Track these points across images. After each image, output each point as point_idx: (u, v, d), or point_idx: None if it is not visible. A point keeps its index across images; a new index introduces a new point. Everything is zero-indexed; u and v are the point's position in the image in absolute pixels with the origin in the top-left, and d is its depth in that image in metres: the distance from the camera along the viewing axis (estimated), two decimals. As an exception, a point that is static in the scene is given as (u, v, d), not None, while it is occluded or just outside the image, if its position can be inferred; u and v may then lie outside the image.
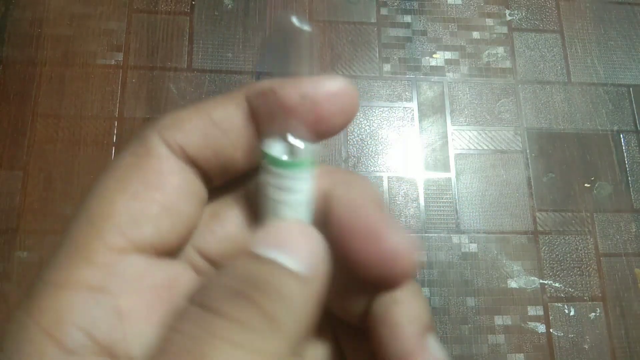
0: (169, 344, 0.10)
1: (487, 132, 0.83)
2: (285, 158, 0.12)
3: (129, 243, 0.11)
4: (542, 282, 0.76)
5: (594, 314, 0.76)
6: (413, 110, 0.83)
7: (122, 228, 0.11)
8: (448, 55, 0.86)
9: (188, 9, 0.83)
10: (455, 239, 0.77)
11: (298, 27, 0.12)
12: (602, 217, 0.80)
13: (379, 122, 0.81)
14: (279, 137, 0.12)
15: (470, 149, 0.82)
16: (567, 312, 0.75)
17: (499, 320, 0.74)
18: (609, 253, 0.79)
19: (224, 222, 0.14)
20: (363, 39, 0.85)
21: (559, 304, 0.76)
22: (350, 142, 0.80)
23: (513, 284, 0.76)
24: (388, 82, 0.83)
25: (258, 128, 0.13)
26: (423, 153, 0.81)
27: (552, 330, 0.74)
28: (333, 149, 0.79)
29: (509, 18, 0.89)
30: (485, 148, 0.82)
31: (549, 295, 0.76)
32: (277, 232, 0.12)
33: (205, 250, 0.14)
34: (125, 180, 0.12)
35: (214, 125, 0.13)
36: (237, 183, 0.14)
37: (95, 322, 0.10)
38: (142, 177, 0.12)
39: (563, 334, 0.74)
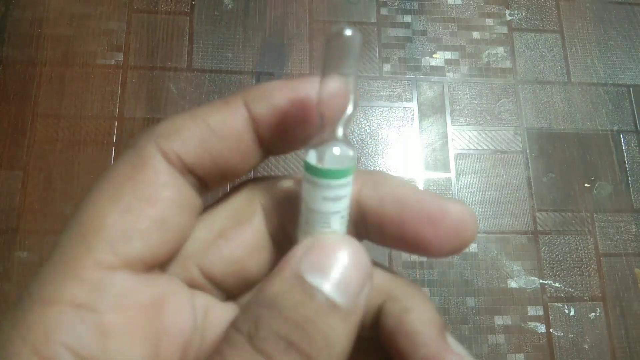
0: None
1: (487, 132, 0.83)
2: (331, 167, 0.12)
3: (118, 259, 0.11)
4: (542, 282, 0.76)
5: (594, 314, 0.76)
6: (413, 110, 0.83)
7: (112, 243, 0.11)
8: (448, 55, 0.86)
9: (188, 9, 0.83)
10: (455, 239, 0.77)
11: (349, 34, 0.12)
12: (602, 217, 0.80)
13: (379, 122, 0.81)
14: (320, 142, 0.13)
15: (470, 149, 0.82)
16: (567, 312, 0.75)
17: (499, 320, 0.74)
18: (609, 253, 0.79)
19: (232, 243, 0.14)
20: (363, 39, 0.85)
21: (559, 304, 0.76)
22: (351, 142, 0.80)
23: (513, 284, 0.76)
24: (388, 82, 0.83)
25: (257, 132, 0.13)
26: (423, 153, 0.81)
27: (552, 330, 0.74)
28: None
29: (509, 18, 0.89)
30: (485, 148, 0.82)
31: (549, 295, 0.76)
32: (324, 251, 0.12)
33: (208, 270, 0.14)
34: (118, 193, 0.12)
35: (212, 132, 0.13)
36: (244, 196, 0.14)
37: (79, 339, 0.11)
38: (135, 190, 0.12)
39: (563, 334, 0.74)
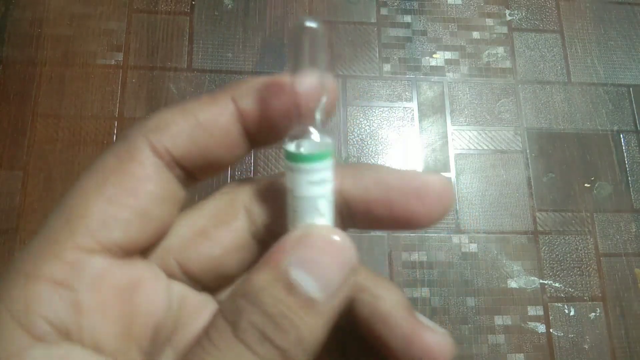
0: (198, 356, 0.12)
1: (487, 132, 0.83)
2: (309, 151, 0.13)
3: (97, 244, 0.12)
4: (542, 282, 0.76)
5: (594, 314, 0.76)
6: (413, 110, 0.83)
7: (92, 230, 0.12)
8: (448, 55, 0.86)
9: (188, 9, 0.83)
10: (455, 239, 0.77)
11: (311, 26, 0.13)
12: (602, 217, 0.80)
13: (379, 122, 0.81)
14: (299, 133, 0.13)
15: (470, 149, 0.82)
16: (567, 312, 0.75)
17: (499, 320, 0.74)
18: (609, 253, 0.79)
19: (211, 241, 0.14)
20: (363, 39, 0.85)
21: (559, 304, 0.76)
22: (350, 142, 0.80)
23: (513, 284, 0.76)
24: (388, 82, 0.83)
25: (244, 126, 0.14)
26: (423, 153, 0.81)
27: (552, 330, 0.74)
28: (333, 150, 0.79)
29: (509, 18, 0.89)
30: (485, 148, 0.82)
31: (549, 295, 0.76)
32: (311, 245, 0.12)
33: (186, 265, 0.14)
34: (104, 183, 0.13)
35: (200, 126, 0.14)
36: (228, 196, 0.15)
37: (56, 312, 0.11)
38: (119, 181, 0.13)
39: (563, 334, 0.74)
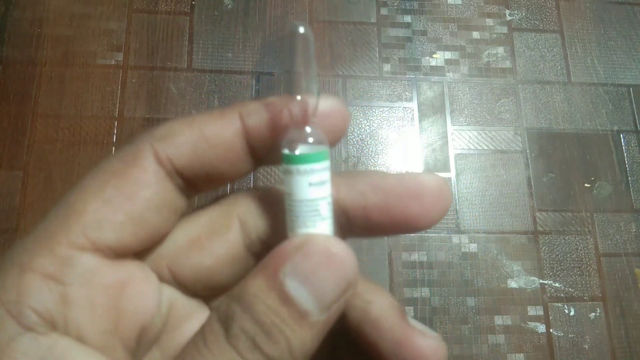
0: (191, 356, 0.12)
1: (487, 132, 0.83)
2: (309, 151, 0.13)
3: (89, 243, 0.13)
4: (542, 282, 0.76)
5: (594, 314, 0.76)
6: (413, 110, 0.83)
7: (86, 228, 0.13)
8: (448, 55, 0.86)
9: (188, 9, 0.83)
10: (455, 239, 0.77)
11: (299, 31, 0.13)
12: (602, 217, 0.80)
13: (379, 122, 0.81)
14: (294, 140, 0.13)
15: (470, 149, 0.82)
16: (567, 312, 0.75)
17: (499, 320, 0.74)
18: (609, 253, 0.79)
19: (202, 252, 0.14)
20: (363, 39, 0.85)
21: (559, 304, 0.76)
22: (350, 142, 0.80)
23: (513, 284, 0.76)
24: (388, 82, 0.83)
25: (249, 143, 0.14)
26: (423, 153, 0.81)
27: (552, 330, 0.74)
28: (333, 150, 0.79)
29: (509, 18, 0.89)
30: (485, 148, 0.82)
31: (549, 295, 0.76)
32: (310, 255, 0.12)
33: (177, 274, 0.14)
34: (105, 184, 0.13)
35: (204, 139, 0.14)
36: (224, 207, 0.15)
37: (44, 304, 0.12)
38: (119, 184, 0.13)
39: (563, 334, 0.74)
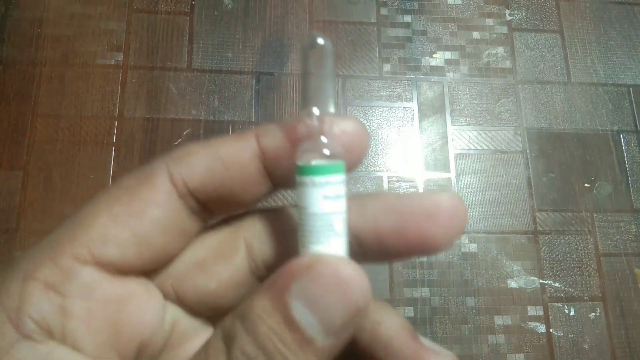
0: None
1: (487, 132, 0.83)
2: (326, 162, 0.13)
3: (91, 257, 0.13)
4: (542, 282, 0.76)
5: (594, 314, 0.76)
6: (413, 110, 0.83)
7: (90, 243, 0.13)
8: (448, 55, 0.86)
9: (188, 9, 0.83)
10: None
11: (318, 42, 0.13)
12: (602, 217, 0.80)
13: (379, 122, 0.81)
14: (308, 151, 0.13)
15: (470, 149, 0.82)
16: (567, 312, 0.75)
17: (499, 320, 0.74)
18: (609, 253, 0.79)
19: (207, 275, 0.14)
20: (363, 39, 0.85)
21: (559, 304, 0.76)
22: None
23: (513, 284, 0.76)
24: (388, 82, 0.83)
25: (266, 165, 0.14)
26: (423, 153, 0.81)
27: (552, 330, 0.74)
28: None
29: (509, 18, 0.89)
30: (485, 148, 0.82)
31: (549, 295, 0.76)
32: (320, 278, 0.11)
33: (181, 295, 0.14)
34: (115, 201, 0.13)
35: (219, 161, 0.14)
36: (231, 230, 0.15)
37: (42, 314, 0.12)
38: (129, 201, 0.13)
39: (563, 334, 0.74)
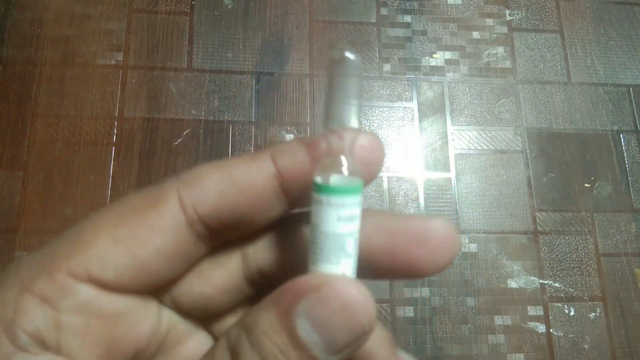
0: None
1: (487, 132, 0.83)
2: (341, 184, 0.12)
3: (87, 277, 0.12)
4: (542, 282, 0.76)
5: (594, 314, 0.76)
6: (413, 110, 0.83)
7: (88, 263, 0.12)
8: (448, 55, 0.86)
9: (188, 9, 0.83)
10: (455, 239, 0.77)
11: (348, 57, 0.12)
12: (602, 217, 0.80)
13: (379, 122, 0.81)
14: (327, 168, 0.13)
15: (470, 149, 0.82)
16: (567, 312, 0.75)
17: (499, 320, 0.74)
18: (609, 253, 0.79)
19: (203, 281, 0.14)
20: (363, 39, 0.85)
21: (559, 304, 0.76)
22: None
23: (513, 284, 0.76)
24: (388, 82, 0.83)
25: (283, 186, 0.14)
26: (423, 153, 0.81)
27: (552, 330, 0.74)
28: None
29: (509, 18, 0.89)
30: (485, 148, 0.82)
31: (549, 295, 0.76)
32: (327, 301, 0.11)
33: (177, 300, 0.14)
34: (120, 222, 0.13)
35: (233, 184, 0.13)
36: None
37: (36, 327, 0.12)
38: (134, 226, 0.13)
39: (563, 334, 0.74)
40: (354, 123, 0.13)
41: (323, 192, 0.12)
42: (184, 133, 0.77)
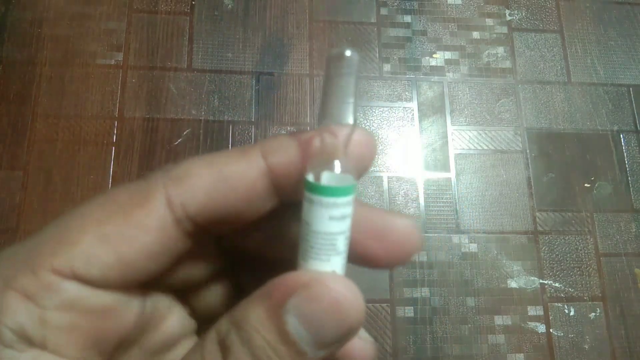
0: None
1: (487, 132, 0.83)
2: (333, 184, 0.12)
3: (73, 275, 0.12)
4: (542, 282, 0.76)
5: (594, 314, 0.75)
6: (413, 110, 0.83)
7: (73, 261, 0.12)
8: (448, 55, 0.86)
9: (188, 9, 0.83)
10: (455, 239, 0.77)
11: (348, 56, 0.12)
12: (602, 217, 0.80)
13: (379, 122, 0.81)
14: (320, 166, 0.13)
15: (470, 149, 0.82)
16: (567, 312, 0.75)
17: (499, 320, 0.74)
18: (609, 253, 0.79)
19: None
20: (363, 39, 0.85)
21: (559, 304, 0.76)
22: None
23: (513, 284, 0.76)
24: (388, 82, 0.83)
25: (274, 183, 0.13)
26: (423, 153, 0.81)
27: (552, 330, 0.74)
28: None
29: (509, 18, 0.89)
30: (485, 148, 0.82)
31: (549, 295, 0.76)
32: (317, 299, 0.11)
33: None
34: (106, 220, 0.13)
35: (223, 181, 0.13)
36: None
37: (20, 325, 0.12)
38: (120, 225, 0.13)
39: (563, 334, 0.74)
40: (350, 120, 0.13)
41: (315, 192, 0.12)
42: (184, 133, 0.77)
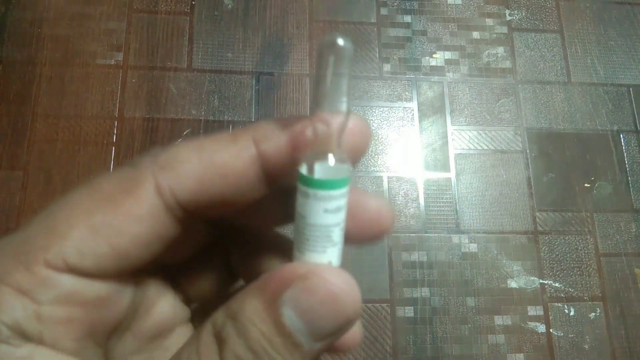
0: None
1: (487, 132, 0.83)
2: (328, 177, 0.12)
3: (66, 267, 0.12)
4: (542, 282, 0.76)
5: (594, 314, 0.75)
6: (413, 110, 0.83)
7: (65, 254, 0.12)
8: (448, 55, 0.86)
9: (188, 9, 0.83)
10: (455, 239, 0.77)
11: (337, 42, 0.12)
12: (602, 217, 0.80)
13: (379, 122, 0.81)
14: (314, 158, 0.12)
15: (470, 149, 0.82)
16: (567, 312, 0.75)
17: (499, 320, 0.74)
18: (609, 253, 0.79)
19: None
20: (363, 39, 0.85)
21: (559, 304, 0.76)
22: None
23: (513, 284, 0.76)
24: (388, 82, 0.83)
25: (265, 169, 0.13)
26: (423, 153, 0.81)
27: (552, 330, 0.74)
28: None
29: (509, 18, 0.89)
30: (485, 148, 0.82)
31: (549, 295, 0.76)
32: (313, 290, 0.11)
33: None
34: (95, 209, 0.12)
35: (213, 168, 0.13)
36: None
37: (16, 320, 0.12)
38: (110, 213, 0.12)
39: (563, 334, 0.74)
40: (343, 108, 0.12)
41: (309, 185, 0.12)
42: (184, 133, 0.77)
